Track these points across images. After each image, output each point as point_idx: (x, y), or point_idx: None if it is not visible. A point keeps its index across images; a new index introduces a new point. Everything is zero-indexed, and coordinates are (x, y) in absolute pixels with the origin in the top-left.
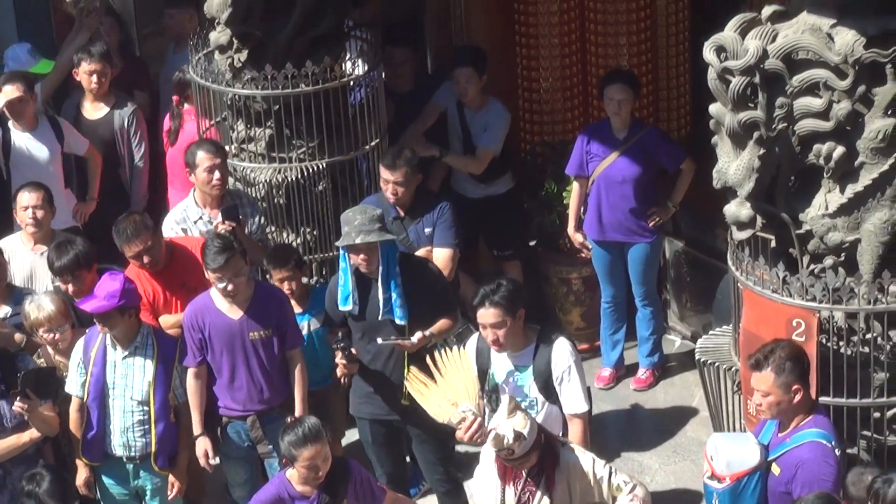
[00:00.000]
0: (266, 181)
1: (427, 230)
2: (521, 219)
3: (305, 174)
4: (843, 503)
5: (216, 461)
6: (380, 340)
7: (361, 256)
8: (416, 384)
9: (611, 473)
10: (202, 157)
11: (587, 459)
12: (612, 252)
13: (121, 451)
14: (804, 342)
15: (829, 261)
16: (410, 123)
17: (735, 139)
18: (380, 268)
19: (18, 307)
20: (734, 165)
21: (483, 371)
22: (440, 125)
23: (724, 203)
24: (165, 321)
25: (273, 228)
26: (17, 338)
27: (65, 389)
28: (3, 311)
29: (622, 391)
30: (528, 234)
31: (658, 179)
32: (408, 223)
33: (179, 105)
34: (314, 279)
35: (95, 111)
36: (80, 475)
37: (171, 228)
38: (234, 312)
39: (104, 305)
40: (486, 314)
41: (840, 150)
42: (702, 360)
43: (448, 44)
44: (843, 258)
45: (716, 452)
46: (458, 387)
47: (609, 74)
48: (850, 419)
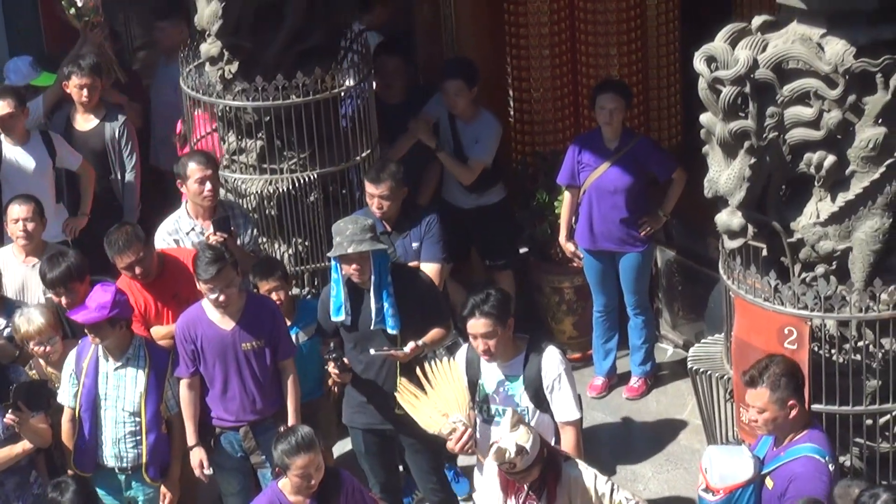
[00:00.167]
0: (257, 192)
1: (414, 245)
2: (513, 229)
3: (297, 185)
4: None
5: (210, 472)
6: (372, 351)
7: (353, 266)
8: (407, 395)
9: (612, 490)
10: (193, 169)
11: (589, 475)
12: (604, 261)
13: (113, 462)
14: (796, 350)
15: (821, 269)
16: (401, 135)
17: (726, 148)
18: (372, 278)
19: (10, 319)
20: (725, 175)
21: (473, 381)
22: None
23: (716, 212)
24: (157, 332)
25: (265, 239)
26: (11, 351)
27: (57, 400)
28: None
29: (615, 400)
30: (520, 243)
31: (649, 189)
32: (395, 238)
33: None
34: (306, 290)
35: (86, 123)
36: None
37: (164, 240)
38: (227, 323)
39: (94, 316)
40: (477, 324)
41: (831, 159)
42: (694, 369)
43: (439, 57)
44: (835, 266)
45: (710, 465)
46: (449, 398)
47: (601, 84)
48: (843, 426)
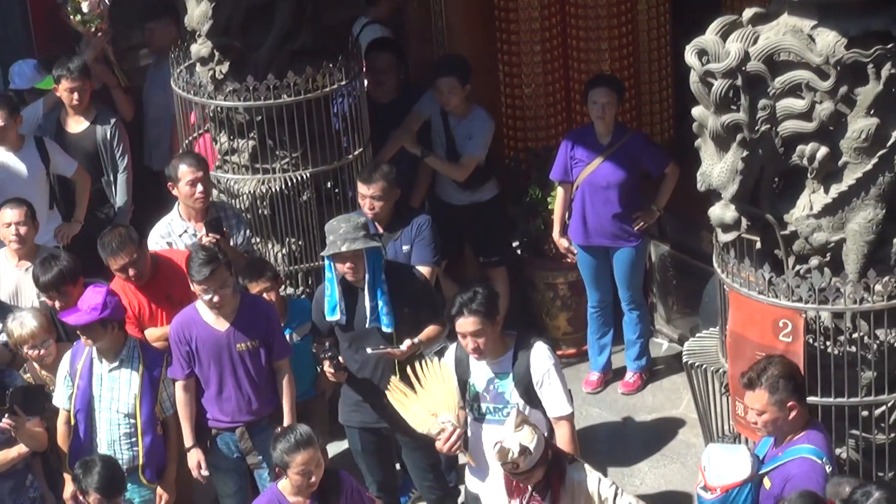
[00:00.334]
0: (250, 192)
1: (405, 248)
2: (506, 225)
3: (289, 185)
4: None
5: (207, 473)
6: (369, 350)
7: (347, 265)
8: (397, 394)
9: (616, 494)
10: (184, 171)
11: (593, 478)
12: (598, 257)
13: None
14: (791, 343)
15: (815, 261)
16: (393, 133)
17: (718, 142)
18: (366, 276)
19: (4, 324)
20: (718, 168)
21: (463, 380)
22: (423, 134)
23: (709, 206)
24: (151, 334)
25: (258, 239)
26: (6, 355)
27: (52, 403)
28: None
29: (610, 395)
30: (513, 239)
31: (642, 183)
32: (386, 239)
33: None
34: (300, 290)
35: (77, 125)
36: (68, 489)
37: (156, 242)
38: (221, 324)
39: (86, 318)
40: (466, 323)
41: (823, 151)
42: (689, 363)
43: (430, 54)
44: (829, 258)
45: (709, 463)
46: (438, 398)
47: (593, 79)
48: (839, 418)
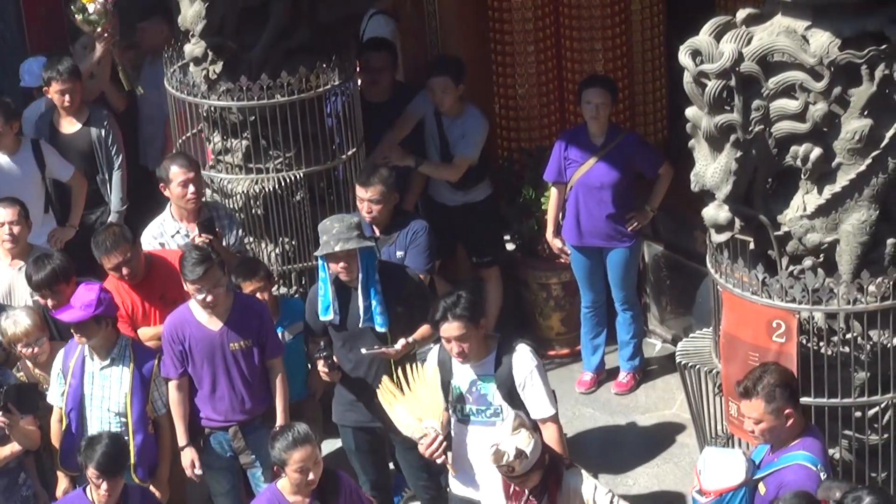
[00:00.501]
0: (243, 192)
1: (399, 253)
2: (500, 225)
3: (283, 184)
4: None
5: (201, 472)
6: (364, 351)
7: (341, 265)
8: (386, 395)
9: (612, 502)
10: (175, 172)
11: (589, 485)
12: (592, 257)
13: None
14: (784, 343)
15: (808, 262)
16: (386, 133)
17: (712, 142)
18: (359, 276)
19: None
20: (711, 168)
21: (446, 382)
22: (417, 134)
23: (703, 206)
24: (144, 333)
25: (251, 239)
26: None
27: (46, 402)
28: None
29: (603, 395)
30: (506, 238)
31: (636, 184)
32: (381, 243)
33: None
34: (293, 290)
35: (70, 126)
36: (61, 486)
37: (149, 243)
38: (214, 324)
39: (80, 315)
40: (451, 328)
41: (817, 152)
42: (683, 363)
43: (423, 54)
44: (822, 259)
45: (704, 467)
46: (425, 403)
47: (587, 79)
48: (832, 419)
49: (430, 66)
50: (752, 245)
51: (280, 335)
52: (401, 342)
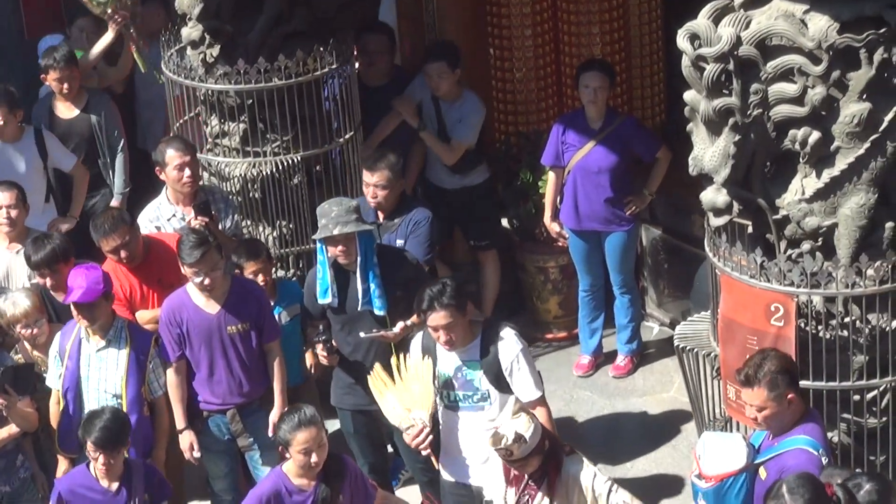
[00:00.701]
0: (241, 176)
1: (399, 242)
2: (497, 209)
3: (280, 168)
4: (827, 486)
5: (199, 454)
6: (362, 334)
7: (339, 248)
8: (377, 383)
9: (610, 490)
10: (172, 156)
11: (588, 473)
12: (589, 241)
13: None
14: (783, 327)
15: (807, 245)
16: (384, 117)
17: (710, 126)
18: (358, 259)
19: None
20: (710, 152)
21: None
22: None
23: (701, 190)
24: (142, 316)
25: (249, 223)
26: None
27: (44, 384)
28: None
29: (601, 379)
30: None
31: (634, 168)
32: (383, 230)
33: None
34: (291, 273)
35: (69, 111)
36: (61, 468)
37: (145, 227)
38: (212, 307)
39: (93, 291)
40: (437, 317)
41: (816, 136)
42: (680, 347)
43: (421, 39)
44: (821, 243)
45: (703, 452)
46: (415, 394)
47: (585, 63)
48: (830, 402)
49: (426, 52)
50: (751, 229)
51: (277, 317)
52: (399, 325)
